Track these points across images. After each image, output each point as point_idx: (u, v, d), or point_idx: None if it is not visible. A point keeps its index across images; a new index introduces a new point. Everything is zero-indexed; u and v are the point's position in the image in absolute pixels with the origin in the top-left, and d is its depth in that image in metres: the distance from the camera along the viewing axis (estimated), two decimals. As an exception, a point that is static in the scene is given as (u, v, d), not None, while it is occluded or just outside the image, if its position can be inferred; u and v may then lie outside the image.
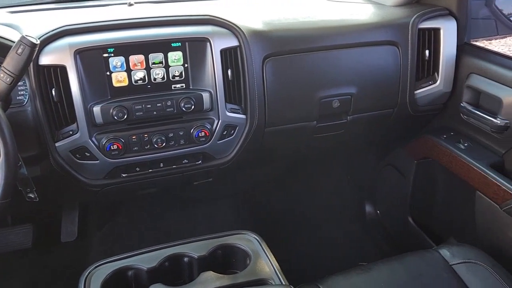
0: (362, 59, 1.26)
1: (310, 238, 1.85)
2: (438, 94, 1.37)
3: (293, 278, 1.01)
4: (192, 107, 1.12)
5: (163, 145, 1.13)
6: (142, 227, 1.77)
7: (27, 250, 1.61)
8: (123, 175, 1.17)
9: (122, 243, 1.70)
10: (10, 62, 0.87)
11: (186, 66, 1.12)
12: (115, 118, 1.07)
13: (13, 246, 1.59)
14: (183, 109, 1.11)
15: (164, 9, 1.28)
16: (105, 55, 1.06)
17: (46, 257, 1.66)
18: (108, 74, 1.07)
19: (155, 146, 1.13)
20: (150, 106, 1.09)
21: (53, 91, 1.03)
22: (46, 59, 1.02)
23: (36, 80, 1.02)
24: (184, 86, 1.14)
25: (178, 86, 1.13)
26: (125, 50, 1.07)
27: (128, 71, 1.08)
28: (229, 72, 1.15)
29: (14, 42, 0.89)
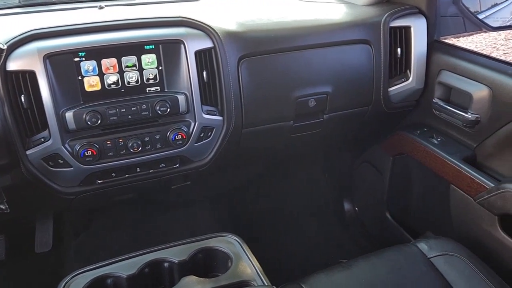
0: (336, 58, 1.28)
1: (290, 237, 1.86)
2: (411, 91, 1.40)
3: (275, 278, 1.01)
4: (167, 110, 1.10)
5: (139, 149, 1.12)
6: (120, 234, 1.73)
7: (1, 262, 1.56)
8: (99, 182, 1.15)
9: (100, 251, 1.66)
10: None
11: (160, 68, 1.11)
12: (89, 123, 1.05)
13: (-15, 259, 1.54)
14: (159, 112, 1.10)
15: (136, 11, 1.27)
16: (76, 59, 1.04)
17: (21, 269, 1.61)
18: (80, 78, 1.05)
19: (131, 150, 1.11)
20: (124, 110, 1.08)
21: (22, 97, 1.00)
22: (14, 65, 0.99)
23: (4, 86, 0.98)
24: (159, 89, 1.12)
25: (152, 89, 1.12)
26: (97, 53, 1.05)
27: (100, 75, 1.06)
28: (204, 73, 1.14)
29: (-21, 47, 0.86)
